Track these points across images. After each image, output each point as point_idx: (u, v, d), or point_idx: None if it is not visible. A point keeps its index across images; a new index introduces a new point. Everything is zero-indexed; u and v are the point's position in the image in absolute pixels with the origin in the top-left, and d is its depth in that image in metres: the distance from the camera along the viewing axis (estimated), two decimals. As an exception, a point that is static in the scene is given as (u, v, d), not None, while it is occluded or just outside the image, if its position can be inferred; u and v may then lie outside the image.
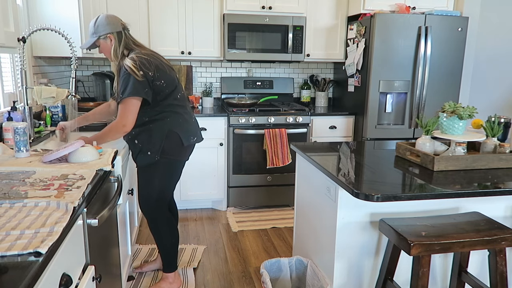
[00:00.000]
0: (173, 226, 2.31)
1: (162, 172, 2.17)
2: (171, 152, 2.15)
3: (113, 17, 2.10)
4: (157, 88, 2.04)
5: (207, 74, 3.99)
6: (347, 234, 1.77)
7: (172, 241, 2.30)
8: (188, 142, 2.17)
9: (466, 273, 1.81)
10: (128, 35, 2.13)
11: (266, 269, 1.98)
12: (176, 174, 2.26)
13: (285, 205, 3.69)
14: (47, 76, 3.13)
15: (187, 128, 2.18)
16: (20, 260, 0.90)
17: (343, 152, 2.19)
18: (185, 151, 2.21)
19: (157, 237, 2.28)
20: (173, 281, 2.34)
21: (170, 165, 2.19)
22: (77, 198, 1.27)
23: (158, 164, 2.15)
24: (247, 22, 3.48)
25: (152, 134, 2.11)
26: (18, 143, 1.84)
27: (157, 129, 2.10)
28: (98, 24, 2.06)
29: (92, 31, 2.08)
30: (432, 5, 3.55)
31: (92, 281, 1.32)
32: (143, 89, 1.98)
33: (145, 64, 1.99)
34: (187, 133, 2.17)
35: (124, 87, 1.98)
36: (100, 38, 2.07)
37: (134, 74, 1.95)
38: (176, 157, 2.19)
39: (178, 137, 2.13)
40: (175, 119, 2.13)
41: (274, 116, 3.46)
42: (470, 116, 1.87)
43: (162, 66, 2.09)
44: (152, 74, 2.00)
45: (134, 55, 2.02)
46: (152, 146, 2.11)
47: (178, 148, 2.16)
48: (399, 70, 3.38)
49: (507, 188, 1.60)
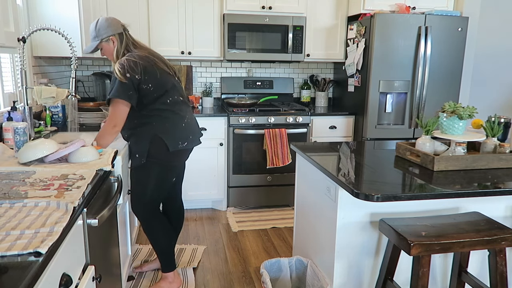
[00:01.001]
0: (166, 227, 2.29)
1: (151, 176, 2.16)
2: (158, 157, 2.13)
3: (113, 19, 2.12)
4: (143, 91, 2.04)
5: (207, 74, 3.99)
6: (347, 234, 1.77)
7: (166, 241, 2.29)
8: (175, 148, 2.12)
9: (466, 273, 1.81)
10: (128, 36, 2.15)
11: (266, 269, 1.98)
12: (167, 178, 2.24)
13: (285, 205, 3.69)
14: (47, 76, 3.13)
15: (174, 133, 2.13)
16: (20, 260, 0.90)
17: (343, 152, 2.19)
18: (175, 156, 2.17)
19: (150, 238, 2.27)
20: (172, 281, 2.34)
21: (159, 169, 2.17)
22: (77, 198, 1.27)
23: (147, 167, 2.15)
24: (247, 22, 3.48)
25: (139, 138, 2.13)
26: (18, 143, 1.84)
27: (143, 133, 2.12)
28: (99, 27, 2.07)
29: (94, 34, 2.09)
30: (432, 5, 3.55)
31: (92, 281, 1.32)
32: (126, 92, 2.00)
33: (132, 67, 2.00)
34: (173, 138, 2.12)
35: (111, 88, 2.04)
36: (102, 41, 2.09)
37: (119, 77, 1.99)
38: (165, 162, 2.16)
39: (162, 142, 2.10)
40: (161, 124, 2.11)
41: (274, 116, 3.46)
42: (470, 116, 1.87)
43: (153, 69, 2.06)
44: (138, 77, 2.01)
45: (125, 57, 2.04)
46: (139, 148, 2.12)
47: (164, 153, 2.13)
48: (399, 70, 3.38)
49: (507, 188, 1.60)
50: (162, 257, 2.30)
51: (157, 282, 2.38)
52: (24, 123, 1.89)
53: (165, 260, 2.31)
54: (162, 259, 2.31)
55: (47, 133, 2.56)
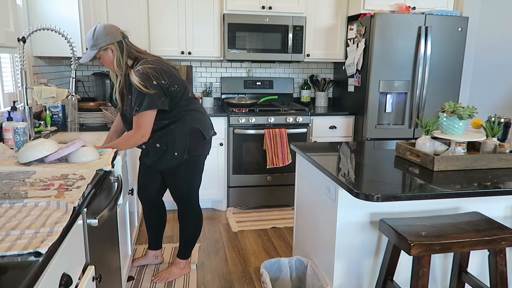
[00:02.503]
0: (200, 220, 2.45)
1: (191, 170, 2.27)
2: (196, 148, 2.23)
3: (111, 26, 2.03)
4: (172, 94, 2.09)
5: (207, 74, 3.99)
6: (347, 234, 1.77)
7: (195, 232, 2.45)
8: (209, 135, 2.27)
9: (466, 273, 1.81)
10: (129, 44, 2.08)
11: (266, 269, 1.98)
12: (202, 169, 2.36)
13: (285, 205, 3.69)
14: (47, 76, 3.13)
15: (205, 122, 2.26)
16: (20, 260, 0.90)
17: (343, 152, 2.19)
18: (207, 145, 2.30)
19: (183, 226, 2.43)
20: (184, 267, 2.49)
21: (197, 162, 2.29)
22: (77, 198, 1.27)
23: (187, 163, 2.22)
24: (247, 22, 3.48)
25: (176, 135, 2.15)
26: (18, 143, 1.84)
27: (179, 128, 2.15)
28: (97, 35, 1.98)
29: (91, 43, 2.00)
30: (432, 5, 3.55)
31: (92, 281, 1.32)
32: (159, 99, 2.01)
33: (155, 74, 1.99)
34: (206, 126, 2.25)
35: (140, 101, 1.98)
36: (100, 50, 2.01)
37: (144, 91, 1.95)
38: (201, 153, 2.28)
39: (200, 132, 2.20)
40: (194, 115, 2.20)
41: (274, 116, 3.46)
42: (470, 116, 1.87)
43: (171, 71, 2.11)
44: (165, 83, 2.02)
45: (141, 67, 1.98)
46: (178, 146, 2.16)
47: (201, 143, 2.24)
48: (399, 70, 3.38)
49: (507, 188, 1.60)
50: (185, 244, 2.46)
51: (169, 267, 2.51)
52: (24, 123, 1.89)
53: (185, 248, 2.47)
54: (184, 246, 2.46)
55: (47, 133, 2.56)
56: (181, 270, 2.47)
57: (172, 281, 2.43)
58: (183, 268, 2.48)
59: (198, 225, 2.45)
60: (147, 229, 2.56)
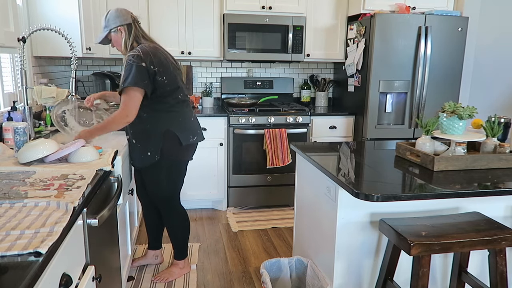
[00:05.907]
0: (184, 219, 2.41)
1: (167, 173, 2.22)
2: (171, 153, 2.16)
3: (123, 10, 2.13)
4: (157, 83, 2.04)
5: (207, 74, 3.99)
6: (347, 234, 1.77)
7: (182, 233, 2.43)
8: (187, 142, 2.17)
9: (466, 273, 1.81)
10: (138, 28, 2.14)
11: (266, 269, 1.98)
12: (181, 173, 2.31)
13: (285, 205, 3.69)
14: (47, 76, 3.13)
15: (185, 126, 2.17)
16: (20, 260, 0.90)
17: (343, 152, 2.19)
18: (185, 151, 2.22)
19: (170, 230, 2.41)
20: (183, 267, 2.49)
21: (174, 166, 2.22)
22: (77, 198, 1.27)
23: (161, 166, 2.17)
24: (247, 22, 3.48)
25: (150, 134, 2.12)
26: (18, 143, 1.84)
27: (154, 128, 2.11)
28: (109, 18, 2.10)
29: (104, 25, 2.12)
30: (432, 5, 3.55)
31: (92, 281, 1.32)
32: (143, 80, 1.98)
33: (147, 57, 1.99)
34: (185, 132, 2.17)
35: (126, 77, 1.98)
36: (111, 32, 2.10)
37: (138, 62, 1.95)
38: (180, 158, 2.22)
39: (175, 136, 2.13)
40: (173, 117, 2.13)
41: (274, 116, 3.46)
42: (470, 116, 1.87)
43: (166, 62, 2.09)
44: (153, 68, 2.01)
45: (138, 47, 2.03)
46: (151, 145, 2.12)
47: (177, 148, 2.16)
48: (399, 70, 3.38)
49: (507, 188, 1.60)
50: (177, 246, 2.45)
51: (169, 267, 2.51)
52: (24, 123, 1.89)
53: (178, 250, 2.46)
54: (176, 248, 2.46)
55: (47, 133, 2.56)
56: (181, 270, 2.48)
57: (172, 281, 2.43)
58: (183, 268, 2.49)
59: (184, 226, 2.41)
60: (147, 229, 2.56)
